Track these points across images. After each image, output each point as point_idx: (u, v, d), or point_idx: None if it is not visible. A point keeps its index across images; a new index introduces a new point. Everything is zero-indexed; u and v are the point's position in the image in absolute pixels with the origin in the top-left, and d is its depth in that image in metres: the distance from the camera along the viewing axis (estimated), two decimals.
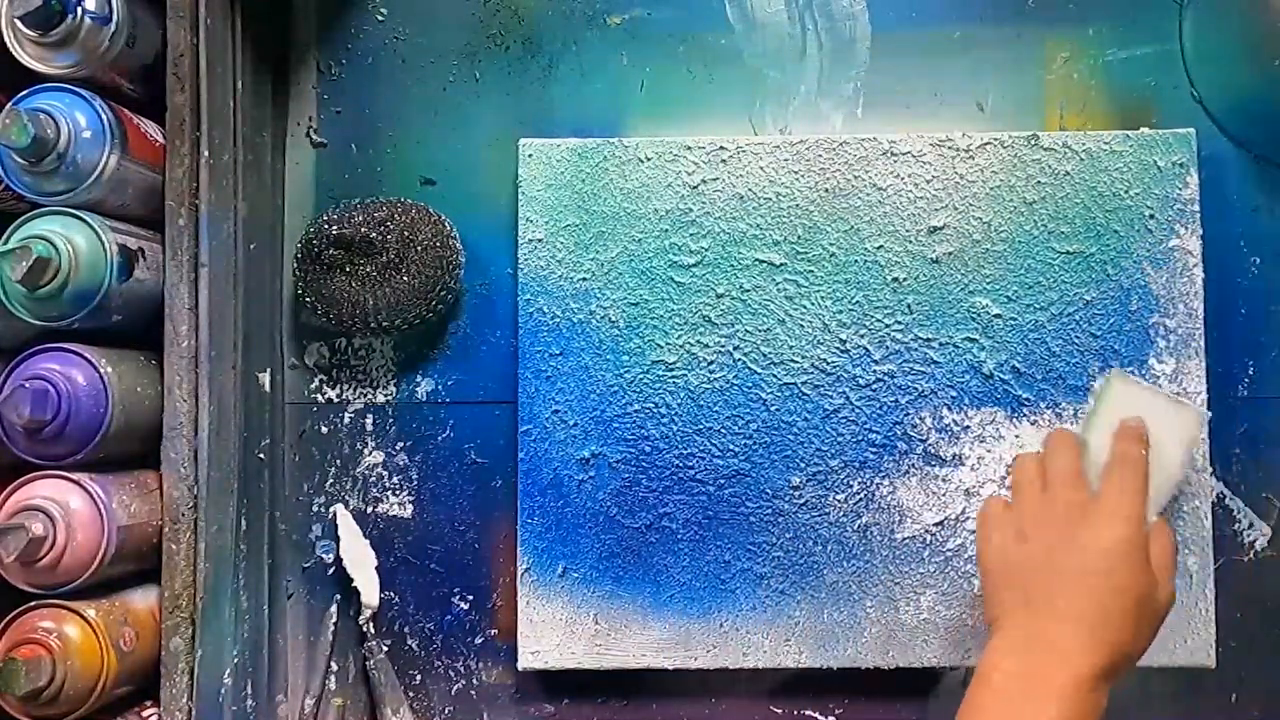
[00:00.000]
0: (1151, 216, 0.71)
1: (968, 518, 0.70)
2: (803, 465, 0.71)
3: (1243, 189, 0.73)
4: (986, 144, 0.71)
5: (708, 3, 0.75)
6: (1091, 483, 0.61)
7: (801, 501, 0.71)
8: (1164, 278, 0.71)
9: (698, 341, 0.72)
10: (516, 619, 0.71)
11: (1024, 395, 0.71)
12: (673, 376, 0.72)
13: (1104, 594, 0.57)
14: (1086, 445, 0.64)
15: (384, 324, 0.71)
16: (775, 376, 0.71)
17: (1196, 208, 0.71)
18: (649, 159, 0.72)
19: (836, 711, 0.73)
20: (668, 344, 0.72)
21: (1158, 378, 0.70)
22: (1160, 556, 0.59)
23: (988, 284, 0.71)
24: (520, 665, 0.71)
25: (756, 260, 0.72)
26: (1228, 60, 0.74)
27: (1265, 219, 0.73)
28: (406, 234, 0.71)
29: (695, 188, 0.72)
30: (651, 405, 0.72)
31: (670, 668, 0.71)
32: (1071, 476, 0.61)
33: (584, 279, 0.72)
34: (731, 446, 0.71)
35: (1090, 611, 0.56)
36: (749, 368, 0.72)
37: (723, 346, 0.72)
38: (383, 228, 0.71)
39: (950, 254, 0.71)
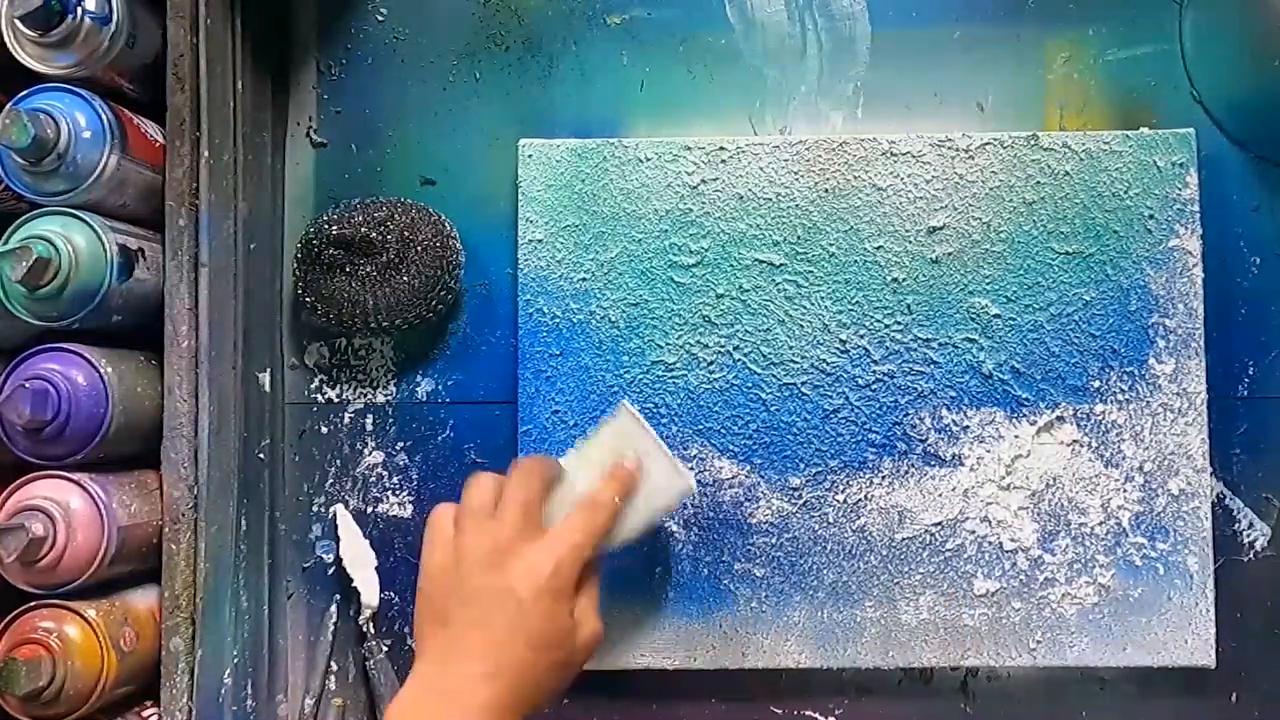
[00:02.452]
0: (1151, 217, 0.71)
1: (967, 518, 0.70)
2: (802, 466, 0.71)
3: (1243, 189, 0.73)
4: (986, 144, 0.71)
5: (708, 3, 0.75)
6: (563, 500, 0.61)
7: (801, 502, 0.71)
8: (1164, 278, 0.71)
9: (697, 342, 0.72)
10: None
11: (1023, 395, 0.71)
12: (672, 377, 0.72)
13: (515, 632, 0.56)
14: (567, 475, 0.63)
15: (384, 324, 0.71)
16: (775, 377, 0.71)
17: (1196, 208, 0.71)
18: (649, 159, 0.72)
19: (836, 712, 0.73)
20: (667, 344, 0.72)
21: (1157, 377, 0.70)
22: (589, 584, 0.59)
23: (987, 284, 0.71)
24: None
25: (756, 260, 0.72)
26: (1228, 60, 0.74)
27: (1265, 219, 0.73)
28: (406, 234, 0.71)
29: (695, 188, 0.72)
30: (651, 406, 0.72)
31: (670, 668, 0.71)
32: (523, 506, 0.59)
33: (584, 279, 0.72)
34: (731, 447, 0.71)
35: (498, 647, 0.56)
36: (749, 368, 0.72)
37: (722, 347, 0.72)
38: (382, 228, 0.71)
39: (950, 254, 0.71)
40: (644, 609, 0.71)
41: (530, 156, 0.73)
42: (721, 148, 0.72)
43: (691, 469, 0.71)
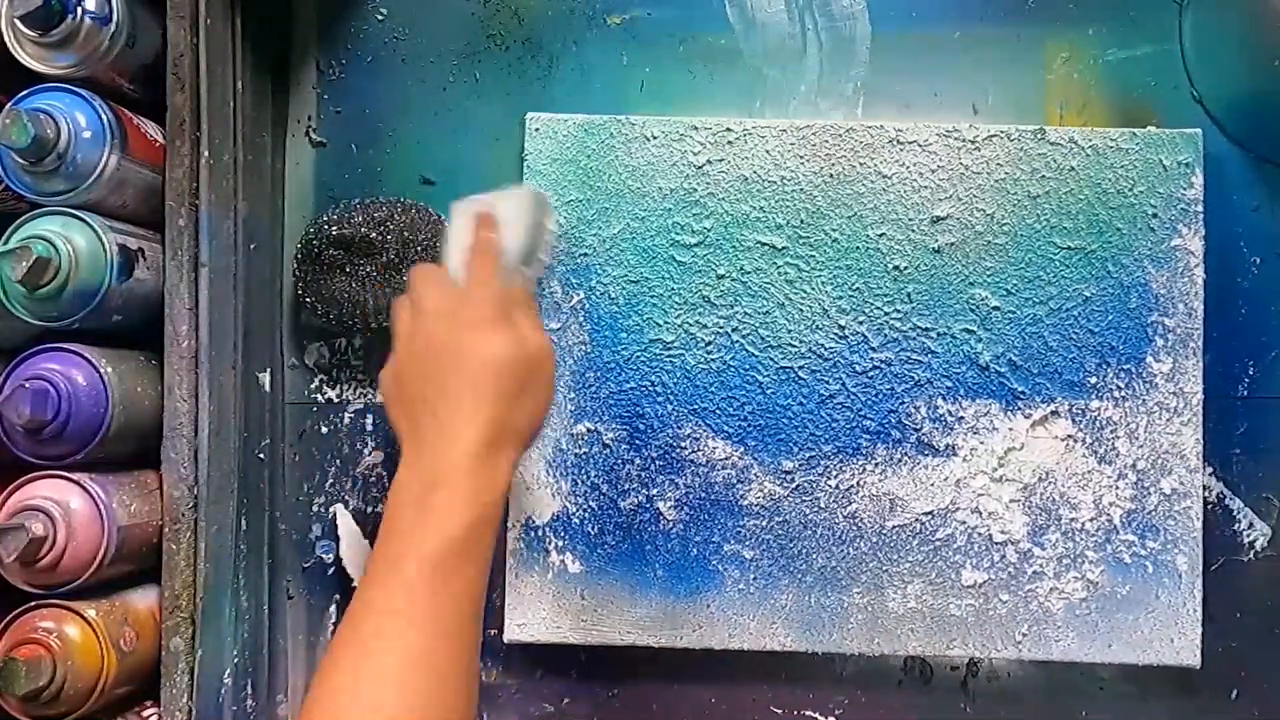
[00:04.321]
0: (1154, 215, 0.71)
1: (958, 509, 0.71)
2: (795, 450, 0.71)
3: (1243, 189, 0.73)
4: (993, 136, 0.71)
5: (708, 3, 0.75)
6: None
7: (793, 486, 0.71)
8: (1164, 277, 0.71)
9: (696, 322, 0.72)
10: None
11: (1019, 389, 0.71)
12: (670, 356, 0.72)
13: (471, 371, 0.57)
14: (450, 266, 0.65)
15: (384, 324, 0.71)
16: (772, 360, 0.71)
17: (1200, 208, 0.71)
18: (655, 137, 0.72)
19: (836, 712, 0.73)
20: (666, 323, 0.72)
21: (1154, 376, 0.70)
22: (523, 323, 0.59)
23: (988, 276, 0.71)
24: (506, 638, 0.71)
25: (759, 243, 0.72)
26: (1228, 60, 0.74)
27: (1266, 219, 0.73)
28: (406, 234, 0.71)
29: (700, 168, 0.72)
30: (648, 384, 0.72)
31: (655, 646, 0.71)
32: (435, 286, 0.61)
33: (585, 254, 0.72)
34: (725, 428, 0.71)
35: (460, 390, 0.57)
36: (746, 350, 0.72)
37: (721, 328, 0.72)
38: (382, 228, 0.71)
39: (952, 244, 0.71)
40: (631, 586, 0.71)
41: (537, 130, 0.73)
42: (728, 129, 0.72)
43: (685, 449, 0.71)
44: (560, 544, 0.71)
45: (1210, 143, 0.72)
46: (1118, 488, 0.70)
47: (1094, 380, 0.71)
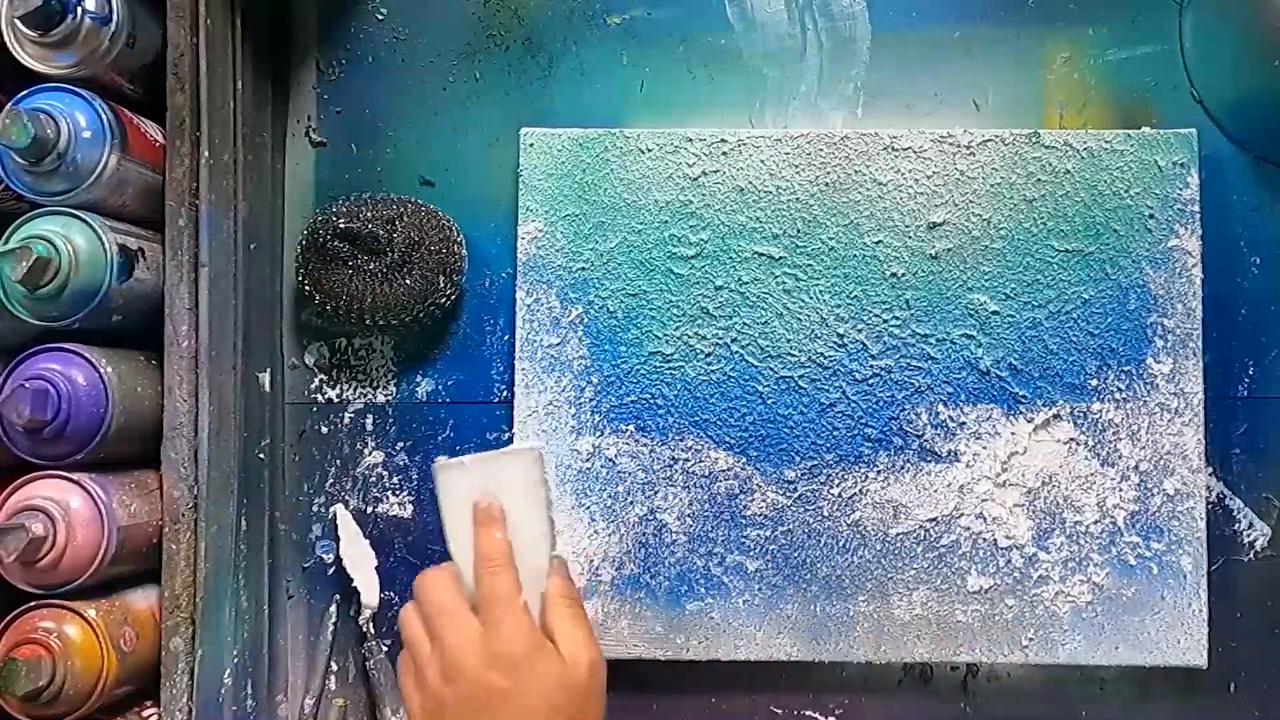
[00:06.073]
0: (1151, 216, 0.71)
1: (962, 514, 0.71)
2: (798, 459, 0.71)
3: (1243, 189, 0.73)
4: (988, 141, 0.71)
5: (708, 3, 0.75)
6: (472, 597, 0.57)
7: (796, 495, 0.71)
8: (1163, 277, 0.71)
9: (696, 334, 0.72)
10: None
11: (1020, 392, 0.71)
12: (670, 368, 0.72)
13: (516, 708, 0.53)
14: (455, 558, 0.58)
15: (379, 322, 0.71)
16: (772, 370, 0.71)
17: (1197, 208, 0.71)
18: (650, 150, 0.72)
19: (836, 712, 0.73)
20: (665, 335, 0.72)
21: (1154, 377, 0.70)
22: (562, 623, 0.56)
23: (986, 281, 0.71)
24: None
25: (756, 253, 0.72)
26: (1228, 60, 0.74)
27: (1265, 219, 0.73)
28: (414, 236, 0.71)
29: (696, 180, 0.72)
30: (648, 397, 0.72)
31: (662, 659, 0.71)
32: (447, 614, 0.56)
33: (583, 269, 0.72)
34: (727, 439, 0.71)
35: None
36: (746, 360, 0.72)
37: (720, 339, 0.72)
38: (390, 226, 0.70)
39: (949, 250, 0.71)
40: (636, 600, 0.71)
41: (532, 145, 0.73)
42: (722, 140, 0.72)
43: (687, 461, 0.71)
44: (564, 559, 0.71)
45: (1209, 143, 0.72)
46: (1121, 490, 0.70)
47: (1095, 382, 0.71)
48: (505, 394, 0.74)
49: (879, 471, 0.71)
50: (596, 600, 0.71)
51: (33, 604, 0.61)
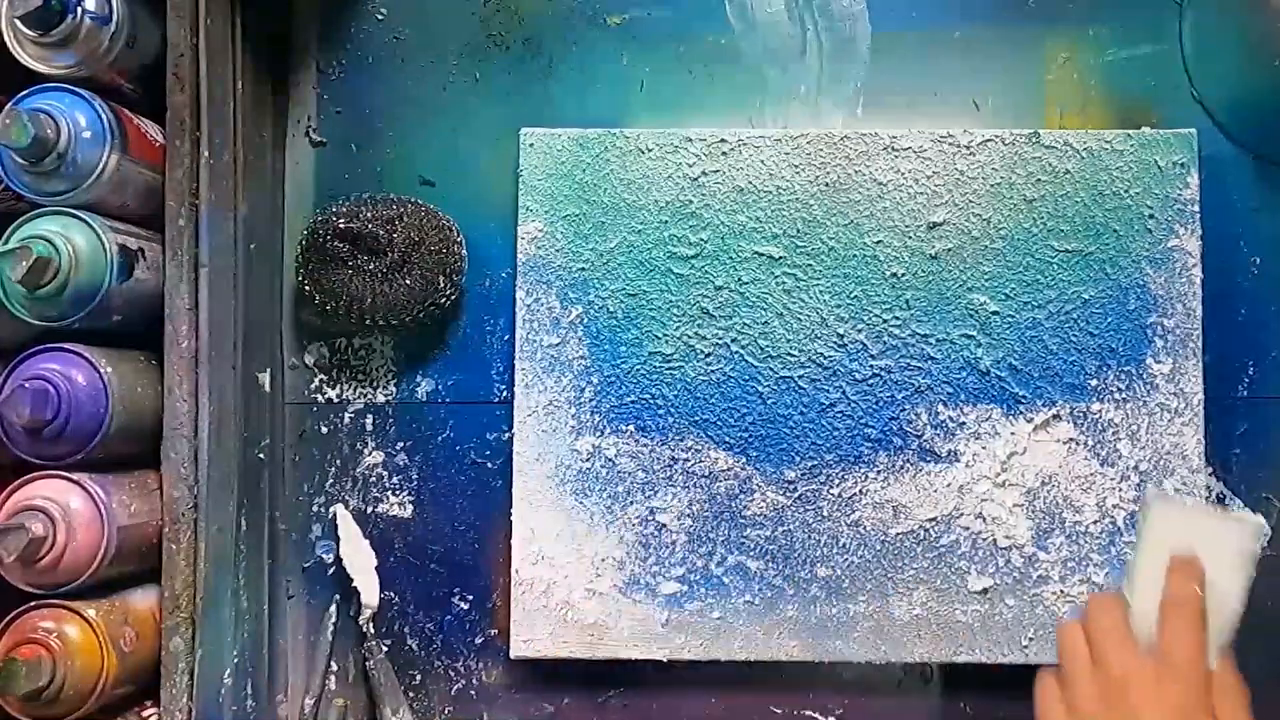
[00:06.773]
0: (1151, 216, 0.71)
1: (962, 514, 0.71)
2: (798, 459, 0.71)
3: (1243, 189, 0.73)
4: (987, 141, 0.71)
5: (708, 3, 0.75)
6: (1142, 635, 0.56)
7: (796, 495, 0.71)
8: (1163, 277, 0.71)
9: (696, 334, 0.72)
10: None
11: (1020, 392, 0.71)
12: (670, 368, 0.72)
13: None
14: (1130, 594, 0.58)
15: (378, 321, 0.71)
16: (772, 370, 0.71)
17: (1196, 208, 0.71)
18: (650, 150, 0.72)
19: (836, 711, 0.73)
20: (665, 335, 0.72)
21: (1154, 377, 0.70)
22: (1230, 710, 0.55)
23: (986, 281, 0.71)
24: (512, 654, 0.71)
25: (756, 253, 0.72)
26: (1228, 60, 0.74)
27: (1265, 219, 0.73)
28: (415, 236, 0.71)
29: (696, 180, 0.72)
30: (648, 397, 0.72)
31: (663, 659, 0.71)
32: (1118, 640, 0.56)
33: (583, 269, 0.72)
34: (727, 439, 0.71)
35: None
36: (746, 361, 0.72)
37: (720, 339, 0.72)
38: (390, 226, 0.70)
39: (949, 250, 0.71)
40: (636, 600, 0.71)
41: (531, 145, 0.73)
42: (722, 140, 0.72)
43: (687, 461, 0.71)
44: (565, 560, 0.71)
45: (1209, 143, 0.72)
46: (1121, 490, 0.70)
47: (1095, 383, 0.71)
48: (505, 394, 0.74)
49: (879, 471, 0.71)
50: (596, 600, 0.71)
51: (33, 604, 0.61)
